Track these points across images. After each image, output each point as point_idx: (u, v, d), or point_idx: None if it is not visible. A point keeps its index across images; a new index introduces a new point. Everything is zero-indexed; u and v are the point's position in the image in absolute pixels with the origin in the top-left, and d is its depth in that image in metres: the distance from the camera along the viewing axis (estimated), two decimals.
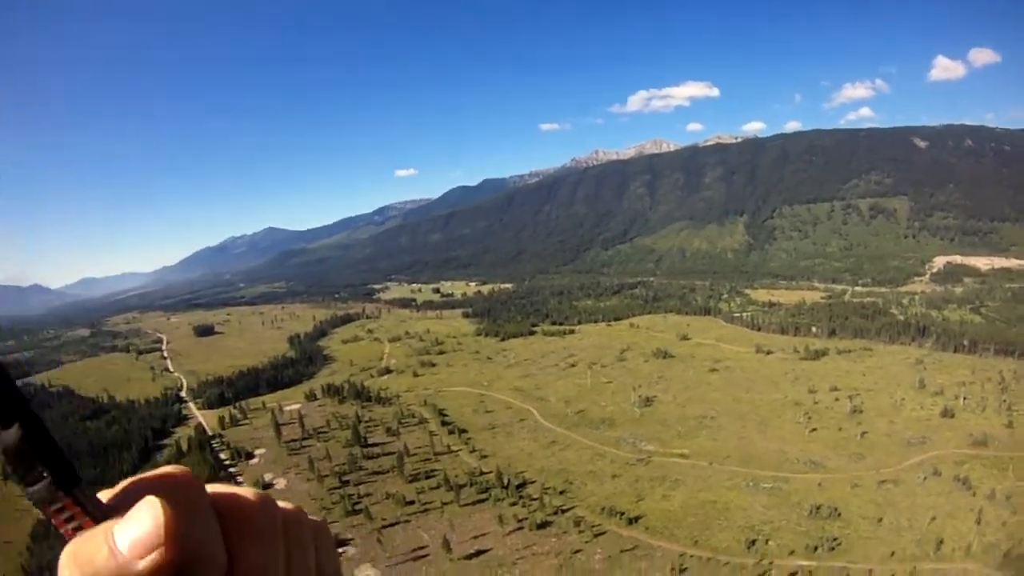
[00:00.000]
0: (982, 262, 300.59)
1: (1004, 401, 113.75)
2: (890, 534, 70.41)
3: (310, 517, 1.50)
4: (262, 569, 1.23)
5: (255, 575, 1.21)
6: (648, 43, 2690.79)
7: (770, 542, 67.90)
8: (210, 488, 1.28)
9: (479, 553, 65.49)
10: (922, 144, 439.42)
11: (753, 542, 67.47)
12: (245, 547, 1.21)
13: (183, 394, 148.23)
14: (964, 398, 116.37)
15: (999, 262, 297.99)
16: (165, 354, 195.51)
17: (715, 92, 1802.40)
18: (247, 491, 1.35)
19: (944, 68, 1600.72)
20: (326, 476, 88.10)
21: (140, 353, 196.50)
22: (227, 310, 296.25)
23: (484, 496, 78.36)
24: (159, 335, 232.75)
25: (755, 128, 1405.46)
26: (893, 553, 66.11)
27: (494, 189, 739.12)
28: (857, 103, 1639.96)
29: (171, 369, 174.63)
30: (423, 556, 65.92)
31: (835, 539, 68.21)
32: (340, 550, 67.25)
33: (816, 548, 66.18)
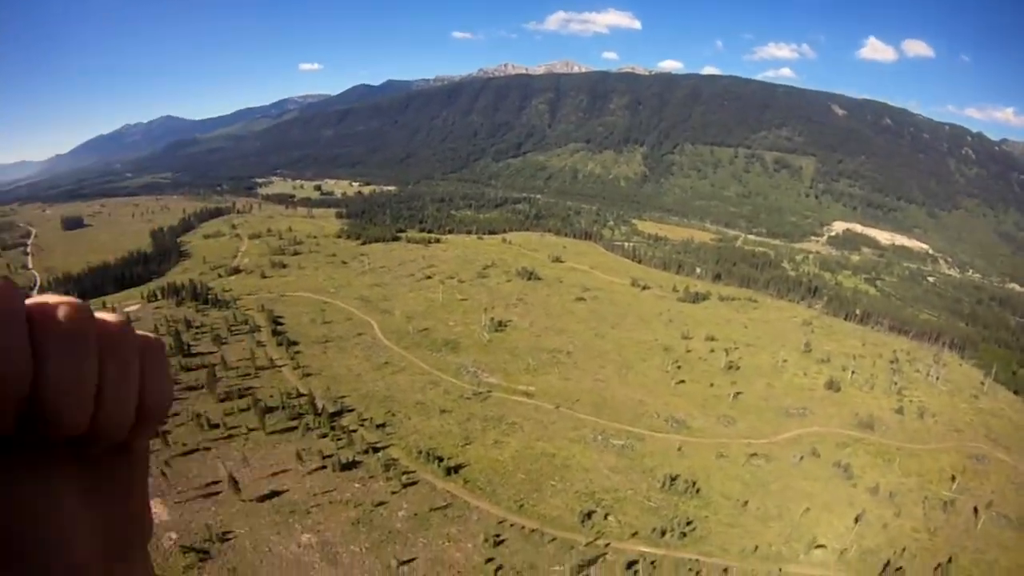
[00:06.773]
0: (883, 236, 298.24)
1: (895, 383, 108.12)
2: (755, 523, 61.40)
3: (140, 333, 1.34)
4: (69, 380, 1.13)
5: (61, 386, 1.11)
6: None
7: (610, 517, 57.14)
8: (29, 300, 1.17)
9: (274, 495, 55.01)
10: (840, 112, 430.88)
11: (590, 515, 56.66)
12: (50, 355, 1.12)
13: (34, 294, 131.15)
14: (852, 371, 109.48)
15: (900, 239, 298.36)
16: (28, 250, 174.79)
17: (636, 24, 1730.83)
18: (61, 298, 1.24)
19: (875, 49, 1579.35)
20: None
21: (4, 248, 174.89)
22: (102, 201, 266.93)
23: (294, 424, 67.48)
24: (30, 228, 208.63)
25: (671, 66, 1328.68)
26: (757, 548, 57.16)
27: (397, 91, 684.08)
28: (779, 62, 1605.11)
29: (29, 266, 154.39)
30: (215, 493, 54.64)
31: (690, 522, 58.33)
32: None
33: (665, 532, 56.15)
